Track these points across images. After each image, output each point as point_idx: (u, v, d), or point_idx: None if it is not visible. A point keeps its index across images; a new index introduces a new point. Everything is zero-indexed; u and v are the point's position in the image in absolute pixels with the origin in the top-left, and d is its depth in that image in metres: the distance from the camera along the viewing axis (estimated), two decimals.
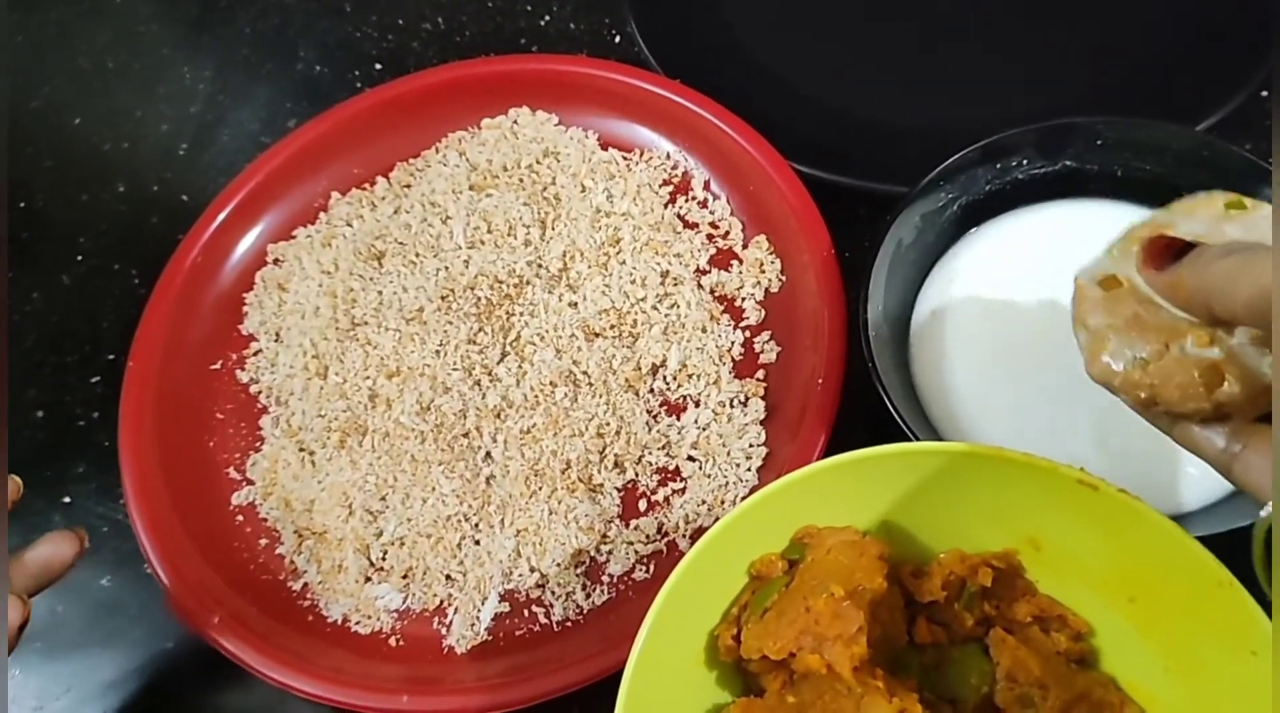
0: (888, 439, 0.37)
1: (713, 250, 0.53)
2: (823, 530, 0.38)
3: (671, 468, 0.48)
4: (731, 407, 0.48)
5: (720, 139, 0.54)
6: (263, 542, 0.49)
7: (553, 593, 0.46)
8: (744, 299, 0.51)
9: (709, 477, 0.47)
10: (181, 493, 0.49)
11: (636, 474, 0.48)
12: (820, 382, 0.46)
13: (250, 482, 0.51)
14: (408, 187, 0.57)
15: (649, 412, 0.49)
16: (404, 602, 0.47)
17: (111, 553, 0.51)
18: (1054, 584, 0.37)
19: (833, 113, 0.58)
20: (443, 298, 0.52)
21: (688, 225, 0.54)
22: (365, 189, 0.58)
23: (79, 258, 0.59)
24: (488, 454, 0.48)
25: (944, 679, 0.37)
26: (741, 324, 0.51)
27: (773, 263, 0.52)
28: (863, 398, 0.43)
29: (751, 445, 0.47)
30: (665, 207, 0.55)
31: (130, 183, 0.62)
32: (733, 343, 0.50)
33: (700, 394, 0.49)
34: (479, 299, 0.52)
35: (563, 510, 0.46)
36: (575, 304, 0.51)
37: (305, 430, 0.51)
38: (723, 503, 0.46)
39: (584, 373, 0.49)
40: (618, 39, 0.63)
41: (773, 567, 0.38)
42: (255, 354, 0.54)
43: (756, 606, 0.36)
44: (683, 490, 0.47)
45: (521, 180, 0.56)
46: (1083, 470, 0.34)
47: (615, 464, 0.48)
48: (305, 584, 0.48)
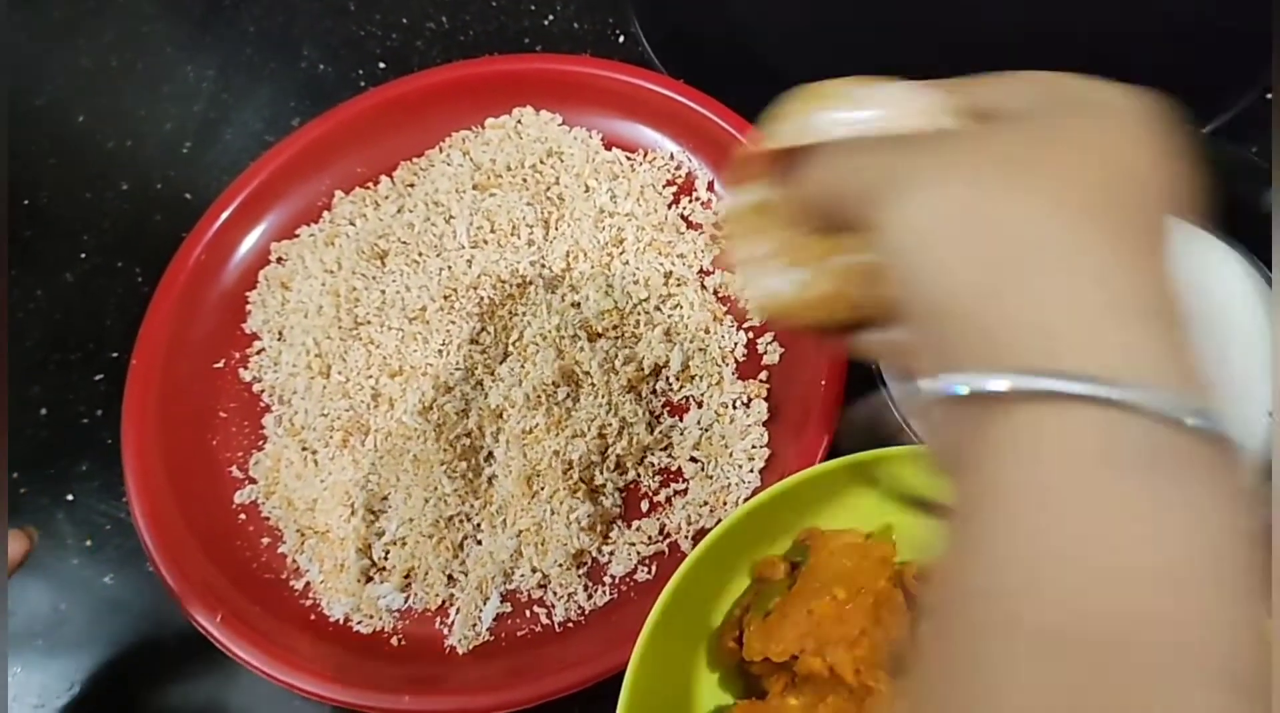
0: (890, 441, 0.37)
1: (716, 251, 0.53)
2: (825, 533, 0.38)
3: (674, 469, 0.48)
4: (734, 408, 0.48)
5: (724, 140, 0.54)
6: (265, 541, 0.49)
7: (554, 594, 0.46)
8: (747, 300, 0.51)
9: (711, 478, 0.47)
10: (184, 491, 0.49)
11: (638, 475, 0.48)
12: (823, 383, 0.46)
13: (253, 480, 0.51)
14: (411, 186, 0.57)
15: (651, 412, 0.49)
16: (406, 602, 0.47)
17: (114, 551, 0.51)
18: None
19: None
20: (445, 297, 0.52)
21: (691, 226, 0.54)
22: (369, 188, 0.58)
23: (82, 256, 0.59)
24: (490, 454, 0.48)
25: None
26: (744, 325, 0.51)
27: None
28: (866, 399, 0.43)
29: (754, 447, 0.47)
30: (669, 207, 0.54)
31: (134, 181, 0.62)
32: (735, 344, 0.50)
33: (703, 395, 0.49)
34: (482, 299, 0.51)
35: (564, 511, 0.46)
36: (578, 304, 0.51)
37: (308, 429, 0.51)
38: (725, 504, 0.46)
39: (586, 373, 0.49)
40: (622, 39, 0.63)
41: (775, 569, 0.38)
42: (258, 353, 0.54)
43: (759, 608, 0.36)
44: (685, 492, 0.47)
45: (525, 180, 0.56)
46: None
47: (617, 465, 0.48)
48: (307, 583, 0.48)
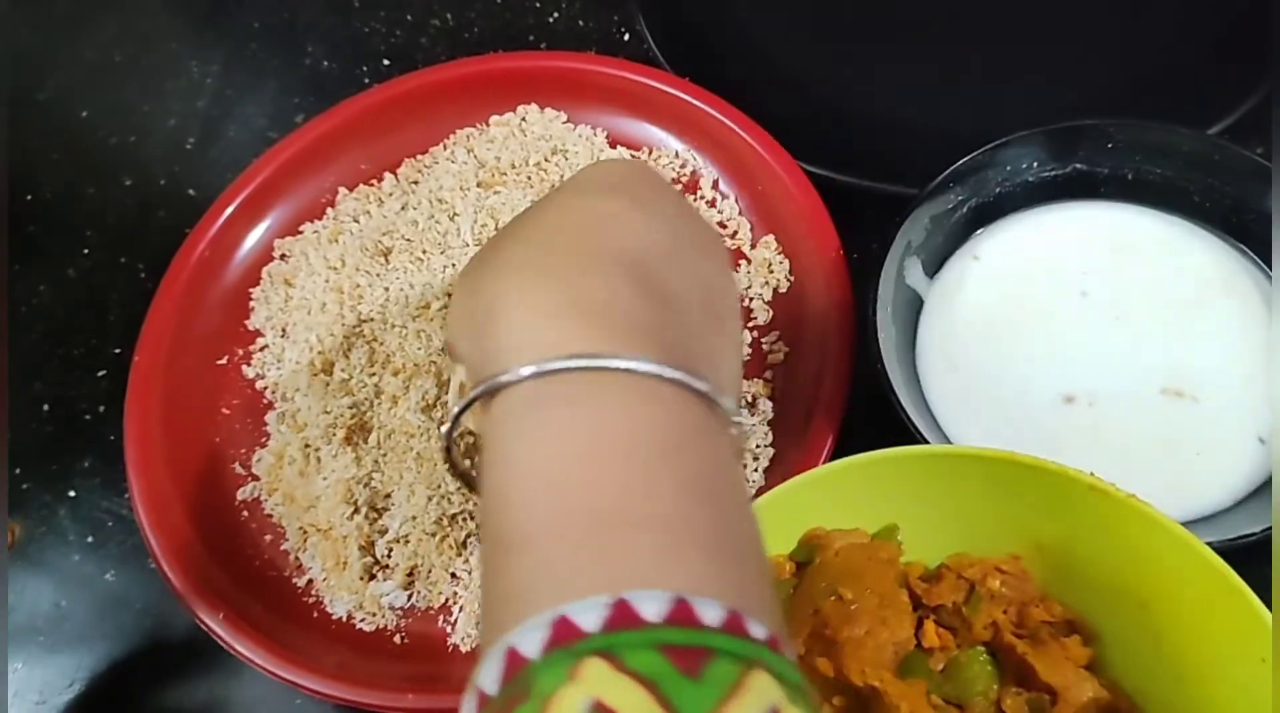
0: (896, 442, 0.37)
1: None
2: (830, 533, 0.38)
3: None
4: (738, 407, 0.48)
5: (729, 138, 0.54)
6: (267, 538, 0.49)
7: None
8: (752, 299, 0.51)
9: None
10: (187, 488, 0.49)
11: None
12: (828, 383, 0.46)
13: (255, 477, 0.50)
14: (415, 183, 0.57)
15: None
16: (408, 599, 0.47)
17: (116, 548, 0.50)
18: (1063, 589, 0.37)
19: (842, 114, 0.57)
20: (449, 295, 0.52)
21: None
22: (373, 185, 0.57)
23: (85, 251, 0.59)
24: None
25: (952, 684, 0.36)
26: (749, 324, 0.51)
27: (781, 263, 0.52)
28: (871, 400, 0.42)
29: (759, 446, 0.47)
30: None
31: (137, 177, 0.62)
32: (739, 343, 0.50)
33: None
34: None
35: None
36: None
37: (310, 427, 0.50)
38: None
39: None
40: (627, 37, 0.63)
41: (780, 569, 0.37)
42: (261, 349, 0.54)
43: None
44: None
45: (529, 178, 0.56)
46: (1094, 475, 0.34)
47: None
48: (310, 581, 0.48)
